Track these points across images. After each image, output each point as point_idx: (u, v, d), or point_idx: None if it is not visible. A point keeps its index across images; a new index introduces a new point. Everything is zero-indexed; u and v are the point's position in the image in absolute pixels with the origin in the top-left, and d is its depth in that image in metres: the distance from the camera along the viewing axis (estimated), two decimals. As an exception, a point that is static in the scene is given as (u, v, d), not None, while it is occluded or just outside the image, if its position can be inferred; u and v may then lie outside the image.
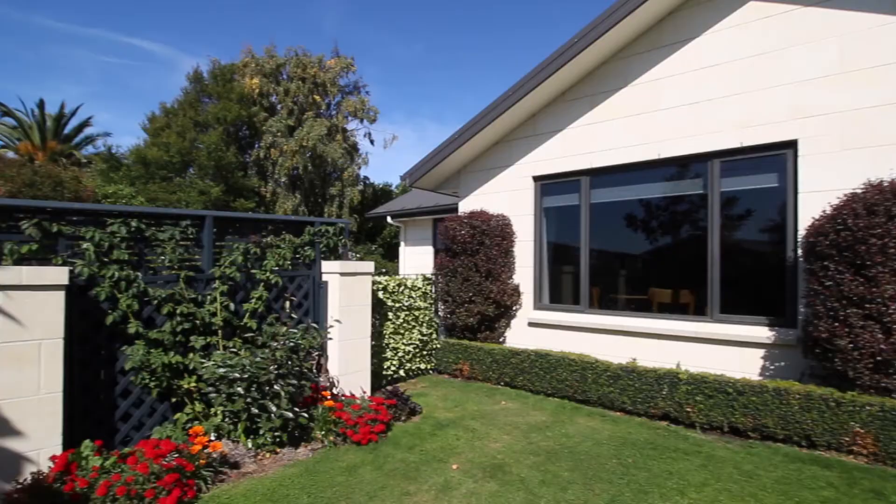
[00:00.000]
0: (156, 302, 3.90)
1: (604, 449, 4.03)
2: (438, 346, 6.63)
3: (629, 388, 4.85)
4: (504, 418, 4.80)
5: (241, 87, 20.36)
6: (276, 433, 3.93)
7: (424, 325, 6.53)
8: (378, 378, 5.78)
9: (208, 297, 4.21)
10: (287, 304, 4.79)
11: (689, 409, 4.45)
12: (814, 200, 4.35)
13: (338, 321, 4.89)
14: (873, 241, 3.58)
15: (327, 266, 5.06)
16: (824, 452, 3.85)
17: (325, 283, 5.04)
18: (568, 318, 6.07)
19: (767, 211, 4.85)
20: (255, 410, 3.87)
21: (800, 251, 4.38)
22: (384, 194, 24.37)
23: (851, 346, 3.68)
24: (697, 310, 5.24)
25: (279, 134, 20.31)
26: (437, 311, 6.79)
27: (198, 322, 4.10)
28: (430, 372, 6.70)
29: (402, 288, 6.28)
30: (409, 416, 4.77)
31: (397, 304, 6.16)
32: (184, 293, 4.02)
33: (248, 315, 4.46)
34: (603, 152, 5.87)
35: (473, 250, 6.34)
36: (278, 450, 3.91)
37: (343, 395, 4.71)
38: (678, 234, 5.61)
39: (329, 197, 21.53)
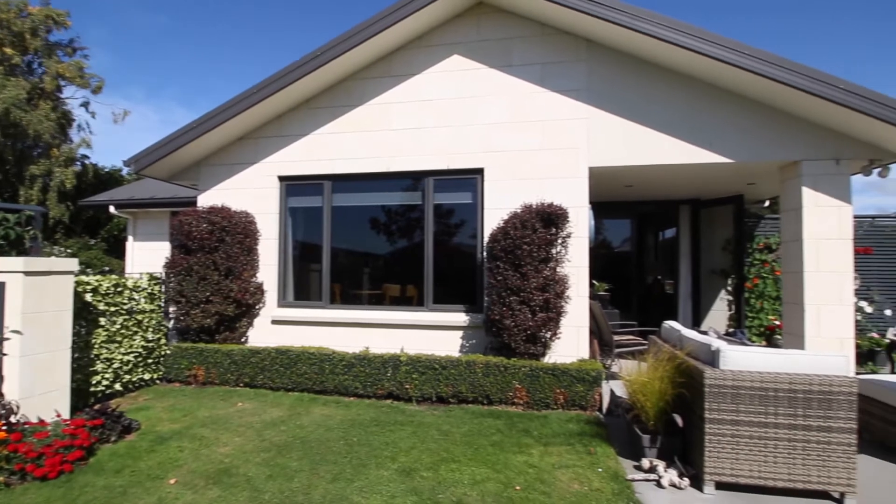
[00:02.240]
0: None
1: (334, 433, 4.39)
2: (168, 352, 6.06)
3: (361, 374, 5.40)
4: (239, 420, 4.75)
5: None
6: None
7: (150, 330, 5.89)
8: (84, 396, 4.98)
9: None
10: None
11: (407, 386, 5.23)
12: (494, 215, 5.66)
13: (17, 332, 4.04)
14: (525, 247, 4.89)
15: (4, 263, 4.12)
16: (498, 406, 5.05)
17: (2, 284, 4.10)
18: (311, 314, 6.34)
19: (466, 221, 6.09)
20: None
21: (484, 253, 5.64)
22: (113, 180, 20.19)
23: (513, 324, 4.94)
24: (419, 302, 6.15)
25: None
26: (167, 314, 6.20)
27: None
28: (158, 382, 6.08)
29: (121, 289, 5.53)
30: (121, 436, 4.28)
31: (113, 308, 5.40)
32: None
33: None
34: (343, 160, 6.33)
35: (212, 247, 6.01)
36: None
37: (27, 423, 3.93)
38: (405, 238, 6.49)
39: (30, 177, 16.85)
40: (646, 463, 3.45)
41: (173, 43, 40.08)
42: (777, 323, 7.33)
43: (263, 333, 6.48)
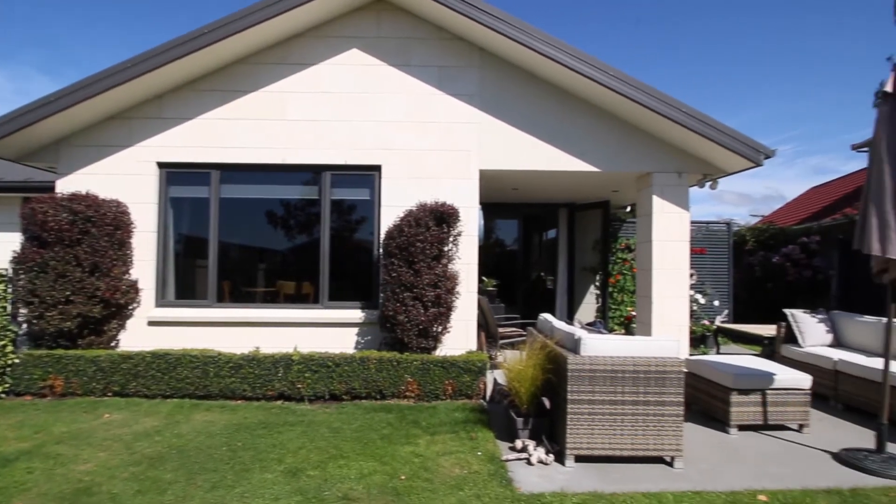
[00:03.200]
0: None
1: (216, 440, 4.21)
2: (17, 360, 5.35)
3: (250, 375, 5.24)
4: (105, 433, 4.37)
5: None
6: None
7: (-6, 336, 5.16)
8: None
9: None
10: None
11: (300, 386, 5.19)
12: (390, 213, 5.79)
13: None
14: (418, 244, 5.09)
15: None
16: (390, 401, 5.20)
17: None
18: (195, 314, 5.97)
19: (364, 218, 6.16)
20: None
21: (381, 250, 5.75)
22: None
23: (406, 319, 5.13)
24: (314, 299, 6.09)
25: None
26: (14, 317, 5.46)
27: None
28: (3, 396, 5.35)
29: (-47, 291, 4.78)
30: (-46, 458, 3.74)
31: (-57, 314, 4.66)
32: None
33: None
34: (234, 149, 6.02)
35: (75, 240, 5.39)
36: None
37: None
38: (301, 233, 6.37)
39: None
40: (518, 444, 3.83)
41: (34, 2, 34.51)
42: (633, 313, 8.38)
43: (138, 336, 5.97)
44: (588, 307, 9.10)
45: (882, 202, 3.52)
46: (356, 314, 5.87)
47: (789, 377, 4.41)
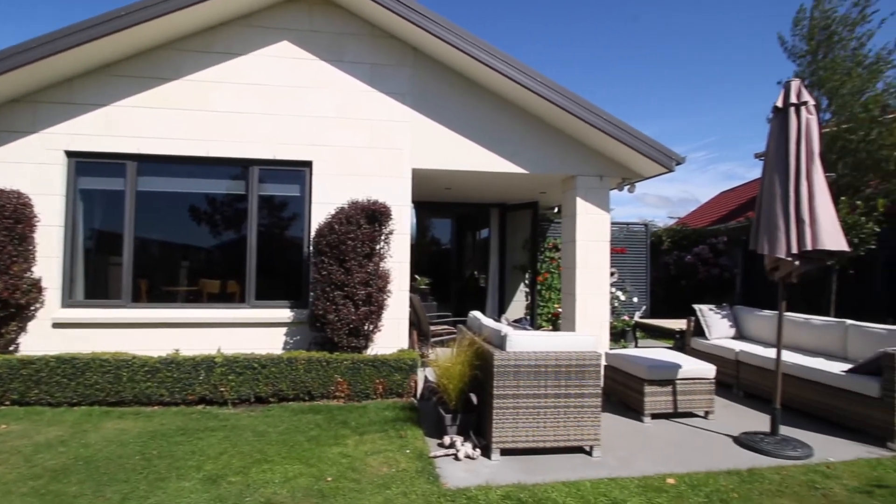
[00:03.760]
0: None
1: (129, 449, 3.96)
2: None
3: (168, 379, 4.95)
4: (0, 445, 3.99)
5: None
6: None
7: None
8: None
9: None
10: None
11: (223, 389, 4.97)
12: (321, 210, 5.69)
13: None
14: (350, 242, 5.04)
15: None
16: (319, 402, 5.11)
17: None
18: (107, 315, 5.56)
19: (294, 215, 6.00)
20: None
21: (311, 248, 5.64)
22: None
23: (336, 318, 5.07)
24: (241, 298, 5.86)
25: None
26: None
27: None
28: None
29: None
30: None
31: None
32: None
33: None
34: (153, 139, 5.66)
35: (-36, 236, 4.86)
36: None
37: None
38: (227, 229, 6.10)
39: None
40: (447, 440, 3.91)
41: None
42: (560, 310, 8.79)
43: (42, 339, 5.45)
44: (518, 304, 9.40)
45: (772, 207, 3.92)
46: (285, 313, 5.71)
47: (696, 368, 4.80)
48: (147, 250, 5.91)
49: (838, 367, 4.64)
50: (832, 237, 3.74)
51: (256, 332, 5.66)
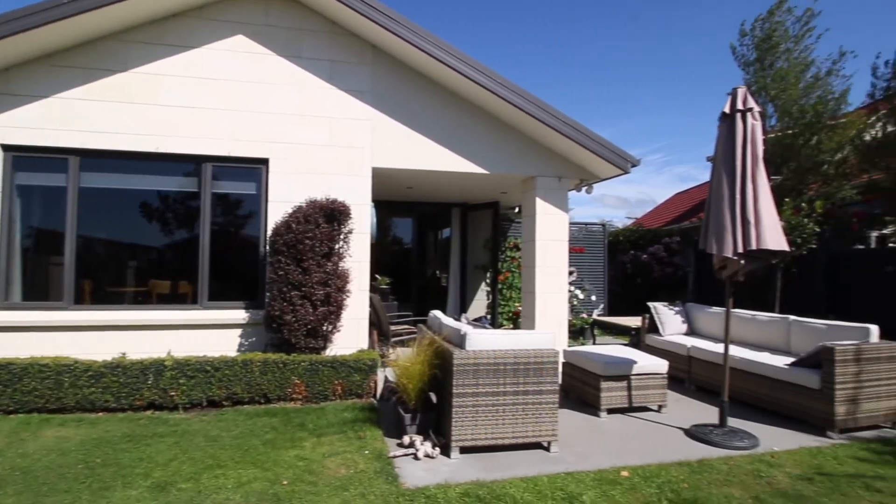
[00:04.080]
0: None
1: (70, 457, 3.75)
2: None
3: (114, 384, 4.72)
4: (-77, 459, 3.69)
5: None
6: None
7: None
8: None
9: None
10: None
11: (173, 393, 4.77)
12: (278, 208, 5.55)
13: None
14: (307, 241, 4.94)
15: None
16: (276, 404, 4.99)
17: None
18: (47, 317, 5.23)
19: (249, 213, 5.82)
20: None
21: (267, 247, 5.49)
22: None
23: (294, 319, 4.95)
24: (193, 299, 5.64)
25: None
26: None
27: None
28: None
29: None
30: None
31: None
32: None
33: None
34: (98, 133, 5.37)
35: None
36: None
37: None
38: (178, 228, 5.84)
39: None
40: (406, 439, 3.89)
41: None
42: (521, 308, 8.91)
43: (-29, 345, 5.10)
44: (479, 304, 9.46)
45: (720, 208, 4.09)
46: (240, 314, 5.53)
47: (649, 363, 4.96)
48: (91, 250, 5.61)
49: (782, 361, 4.88)
50: (774, 238, 3.93)
51: (209, 333, 5.46)
